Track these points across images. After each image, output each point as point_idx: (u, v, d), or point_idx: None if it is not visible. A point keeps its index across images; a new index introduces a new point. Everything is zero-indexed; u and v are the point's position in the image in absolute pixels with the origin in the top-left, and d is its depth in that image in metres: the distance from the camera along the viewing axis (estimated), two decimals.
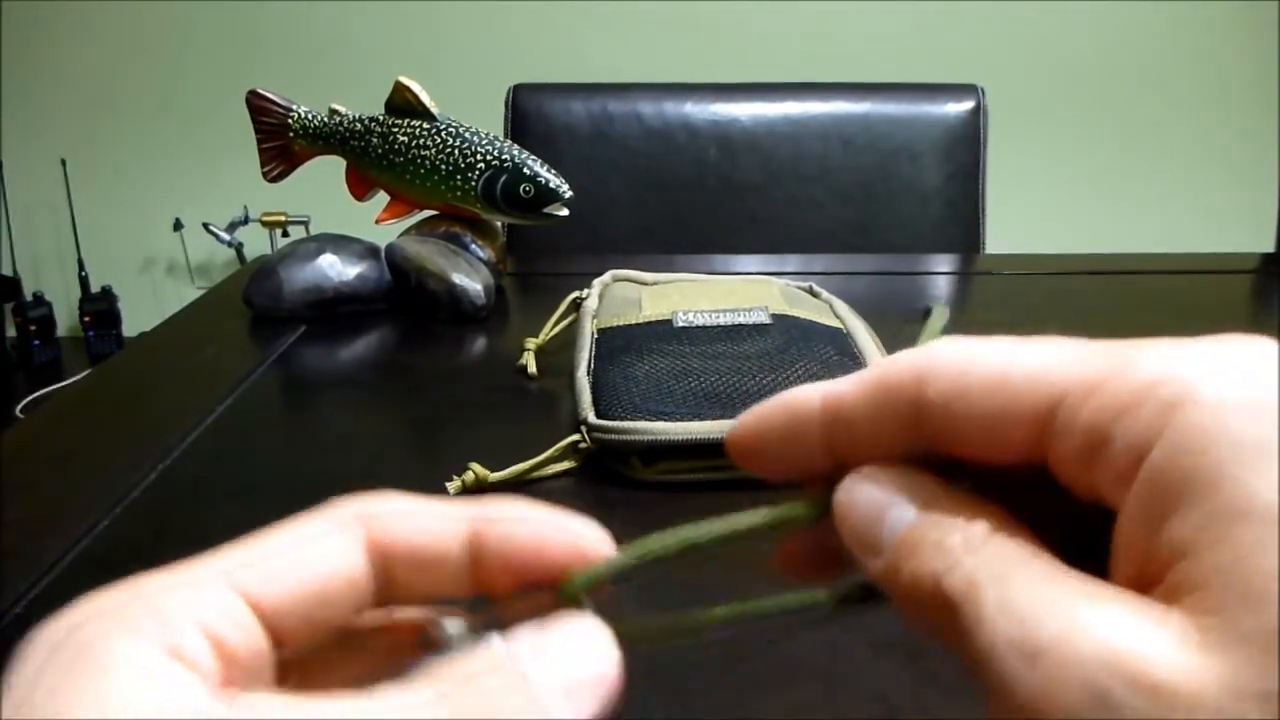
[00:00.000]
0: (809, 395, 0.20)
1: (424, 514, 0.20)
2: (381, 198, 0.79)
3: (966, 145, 1.16)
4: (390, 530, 0.19)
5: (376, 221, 0.78)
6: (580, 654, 0.18)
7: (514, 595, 0.20)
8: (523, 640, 0.18)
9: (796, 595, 0.20)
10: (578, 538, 0.20)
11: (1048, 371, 0.18)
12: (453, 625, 0.20)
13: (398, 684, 0.16)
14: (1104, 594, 0.15)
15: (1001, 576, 0.16)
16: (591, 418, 0.50)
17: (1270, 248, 0.93)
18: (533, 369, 0.63)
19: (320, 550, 0.19)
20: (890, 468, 0.19)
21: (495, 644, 0.17)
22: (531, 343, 0.64)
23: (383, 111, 0.76)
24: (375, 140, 0.76)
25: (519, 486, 0.49)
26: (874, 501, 0.19)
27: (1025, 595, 0.15)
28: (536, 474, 0.49)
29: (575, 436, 0.50)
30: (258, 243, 2.22)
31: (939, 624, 0.16)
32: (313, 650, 0.20)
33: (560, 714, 0.17)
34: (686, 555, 0.20)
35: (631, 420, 0.48)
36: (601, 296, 0.65)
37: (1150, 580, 0.15)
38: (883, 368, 0.19)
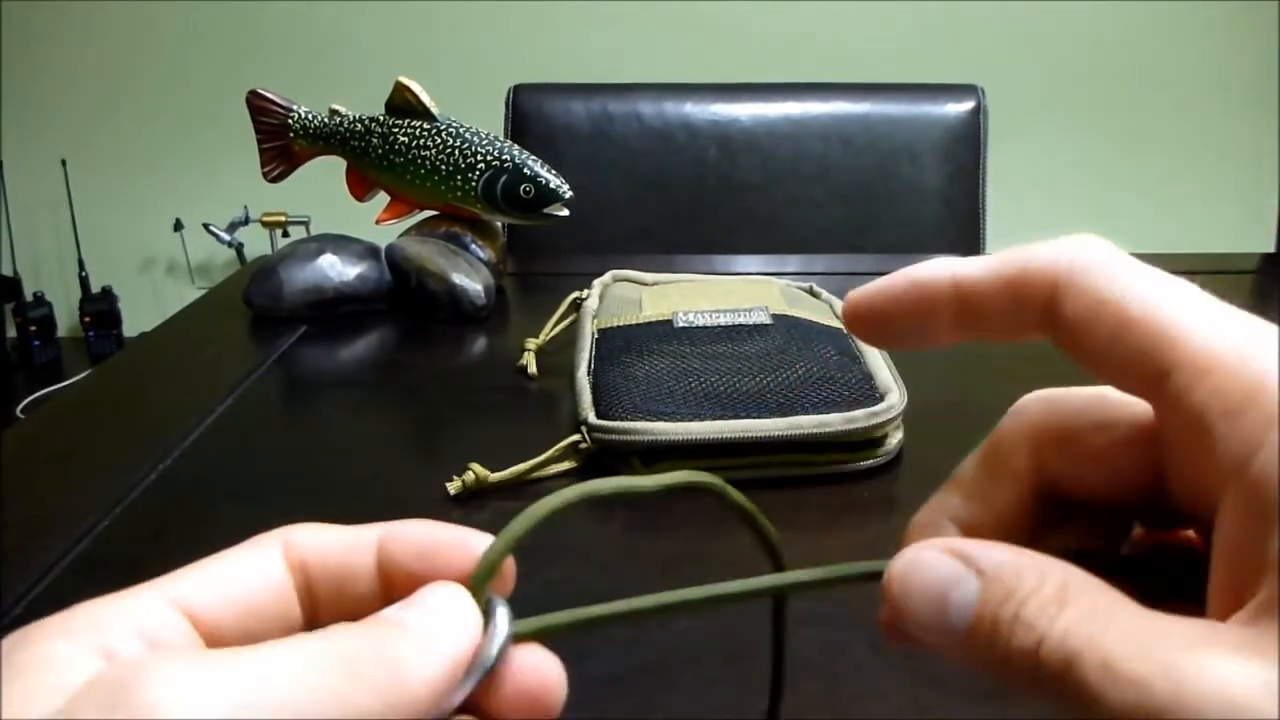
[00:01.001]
0: (940, 272, 0.21)
1: (334, 534, 0.21)
2: (381, 198, 0.79)
3: (966, 145, 1.16)
4: (305, 548, 0.21)
5: (376, 222, 0.78)
6: (447, 605, 0.19)
7: None
8: (402, 606, 0.19)
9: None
10: (467, 547, 0.21)
11: (1174, 333, 0.18)
12: None
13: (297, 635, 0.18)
14: (1198, 636, 0.15)
15: (1093, 640, 0.16)
16: (592, 418, 0.50)
17: (1270, 248, 0.93)
18: (533, 369, 0.63)
19: (245, 565, 0.20)
20: (939, 540, 0.19)
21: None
22: (531, 343, 0.64)
23: (383, 112, 0.76)
24: (375, 140, 0.76)
25: (519, 487, 0.49)
26: (935, 579, 0.18)
27: (1125, 656, 0.15)
28: (536, 474, 0.49)
29: (575, 437, 0.50)
30: (258, 243, 2.22)
31: (1046, 691, 0.16)
32: None
33: (439, 647, 0.18)
34: (553, 520, 0.20)
35: (632, 420, 0.48)
36: (602, 296, 0.65)
37: (1246, 586, 0.16)
38: (1021, 265, 0.20)
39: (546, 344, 0.65)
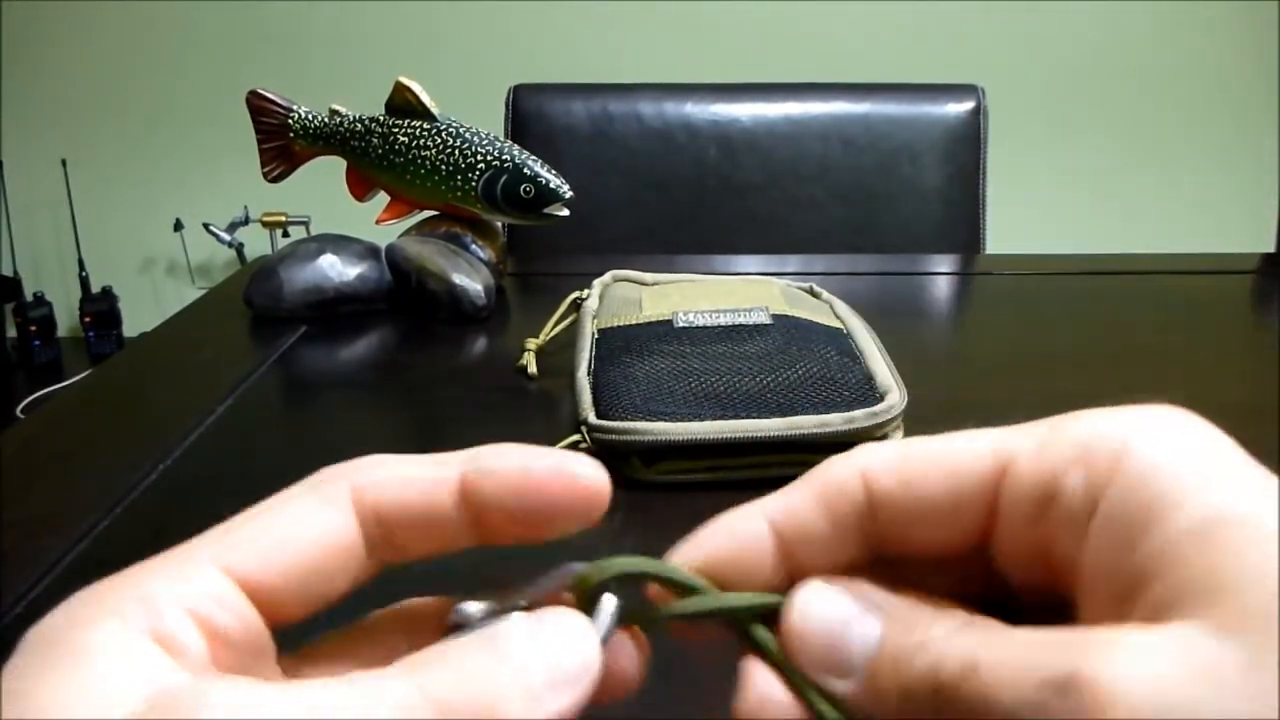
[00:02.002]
0: (753, 516, 0.20)
1: (412, 471, 0.19)
2: (381, 198, 0.79)
3: (966, 145, 1.15)
4: (378, 493, 0.19)
5: (377, 222, 0.78)
6: (566, 645, 0.17)
7: (535, 578, 0.20)
8: (510, 627, 0.17)
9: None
10: (573, 477, 0.19)
11: (989, 446, 0.18)
12: (474, 609, 0.19)
13: (377, 670, 0.16)
14: (1107, 630, 0.15)
15: (997, 643, 0.16)
16: (592, 418, 0.50)
17: (1270, 248, 0.93)
18: (533, 369, 0.63)
19: (307, 522, 0.19)
20: (836, 581, 0.19)
21: (481, 630, 0.17)
22: (532, 343, 0.64)
23: (383, 112, 0.76)
24: (375, 140, 0.76)
25: None
26: (834, 620, 0.18)
27: (1031, 647, 0.15)
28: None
29: (575, 437, 0.50)
30: (258, 243, 2.22)
31: (947, 712, 0.16)
32: (331, 638, 0.20)
33: (544, 701, 0.16)
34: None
35: (632, 420, 0.48)
36: (602, 297, 0.65)
37: (1124, 611, 0.15)
38: (824, 474, 0.19)
39: (546, 344, 0.65)
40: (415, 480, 0.19)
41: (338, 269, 0.74)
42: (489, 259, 0.77)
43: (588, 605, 0.19)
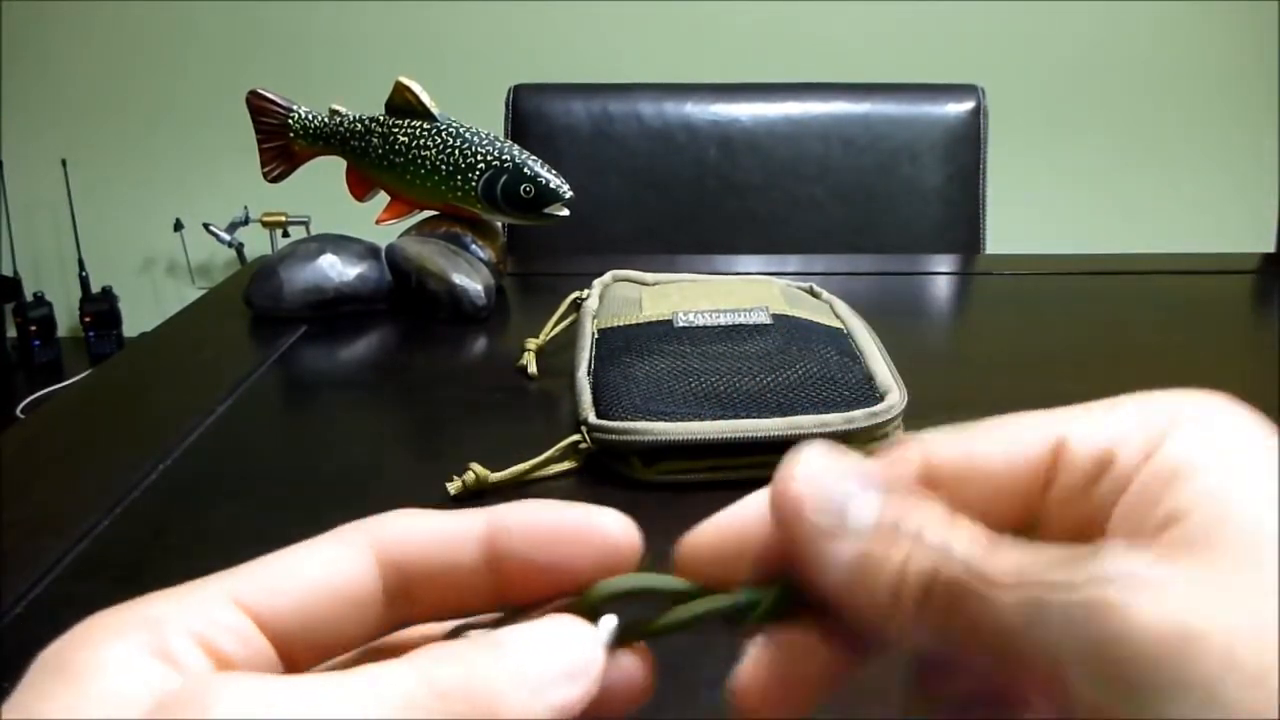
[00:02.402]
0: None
1: (435, 525, 0.19)
2: (382, 198, 0.79)
3: (966, 145, 1.15)
4: (399, 544, 0.19)
5: (377, 222, 0.78)
6: (566, 642, 0.18)
7: (539, 605, 0.20)
8: (511, 629, 0.18)
9: (723, 599, 0.20)
10: (599, 533, 0.19)
11: (1046, 421, 0.19)
12: (476, 625, 0.19)
13: (381, 663, 0.16)
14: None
15: (996, 554, 0.17)
16: (592, 418, 0.50)
17: (1270, 248, 0.93)
18: (533, 369, 0.63)
19: (322, 565, 0.19)
20: (831, 448, 0.19)
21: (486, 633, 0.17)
22: (532, 343, 0.64)
23: (383, 111, 0.76)
24: (375, 140, 0.76)
25: (519, 487, 0.49)
26: (837, 485, 0.19)
27: (1034, 566, 0.16)
28: (537, 474, 0.49)
29: (575, 437, 0.50)
30: (258, 243, 2.22)
31: (939, 600, 0.17)
32: (339, 664, 0.20)
33: (544, 695, 0.17)
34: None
35: (632, 420, 0.48)
36: (602, 297, 0.65)
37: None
38: (889, 455, 0.20)
39: (546, 344, 0.65)
40: (438, 531, 0.19)
41: (338, 269, 0.74)
42: (489, 259, 0.77)
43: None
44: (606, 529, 0.19)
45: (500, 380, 0.63)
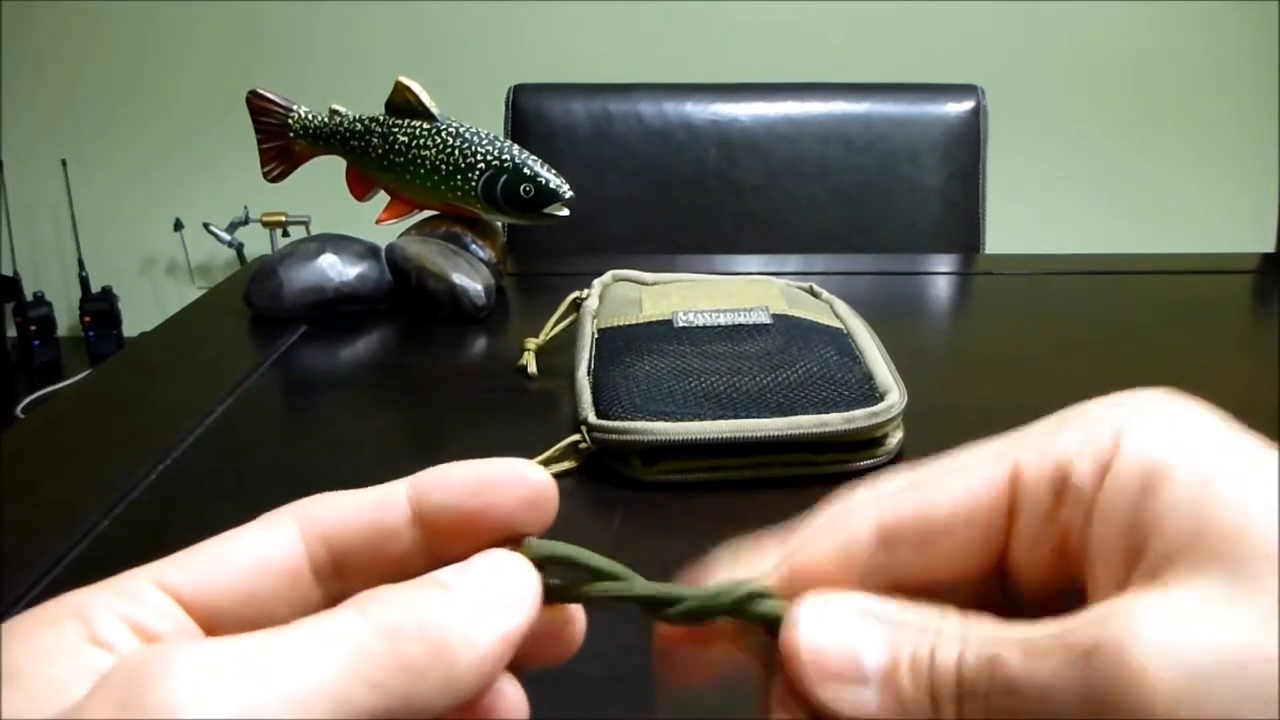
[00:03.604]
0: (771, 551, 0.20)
1: (360, 498, 0.20)
2: (382, 198, 0.79)
3: (966, 145, 1.15)
4: (325, 520, 0.19)
5: (377, 221, 0.78)
6: (504, 574, 0.18)
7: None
8: (448, 569, 0.18)
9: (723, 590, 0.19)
10: (518, 477, 0.19)
11: (997, 454, 0.19)
12: None
13: (325, 611, 0.16)
14: (1114, 600, 0.16)
15: (1010, 636, 0.16)
16: (592, 418, 0.50)
17: (1270, 248, 0.93)
18: (533, 369, 0.63)
19: (248, 546, 0.19)
20: (836, 594, 0.19)
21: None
22: (531, 343, 0.64)
23: (383, 111, 0.76)
24: (375, 140, 0.76)
25: None
26: (847, 629, 0.18)
27: (1042, 635, 0.16)
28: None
29: (575, 437, 0.50)
30: (258, 243, 2.22)
31: (971, 707, 0.16)
32: None
33: (489, 625, 0.17)
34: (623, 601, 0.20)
35: (632, 420, 0.48)
36: (602, 296, 0.65)
37: (1126, 579, 0.16)
38: (835, 531, 0.19)
39: (546, 344, 0.65)
40: (362, 503, 0.19)
41: (338, 269, 0.74)
42: (489, 259, 0.77)
43: None
44: (524, 473, 0.20)
45: (500, 380, 0.63)
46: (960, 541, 0.18)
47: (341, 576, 0.19)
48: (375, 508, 0.19)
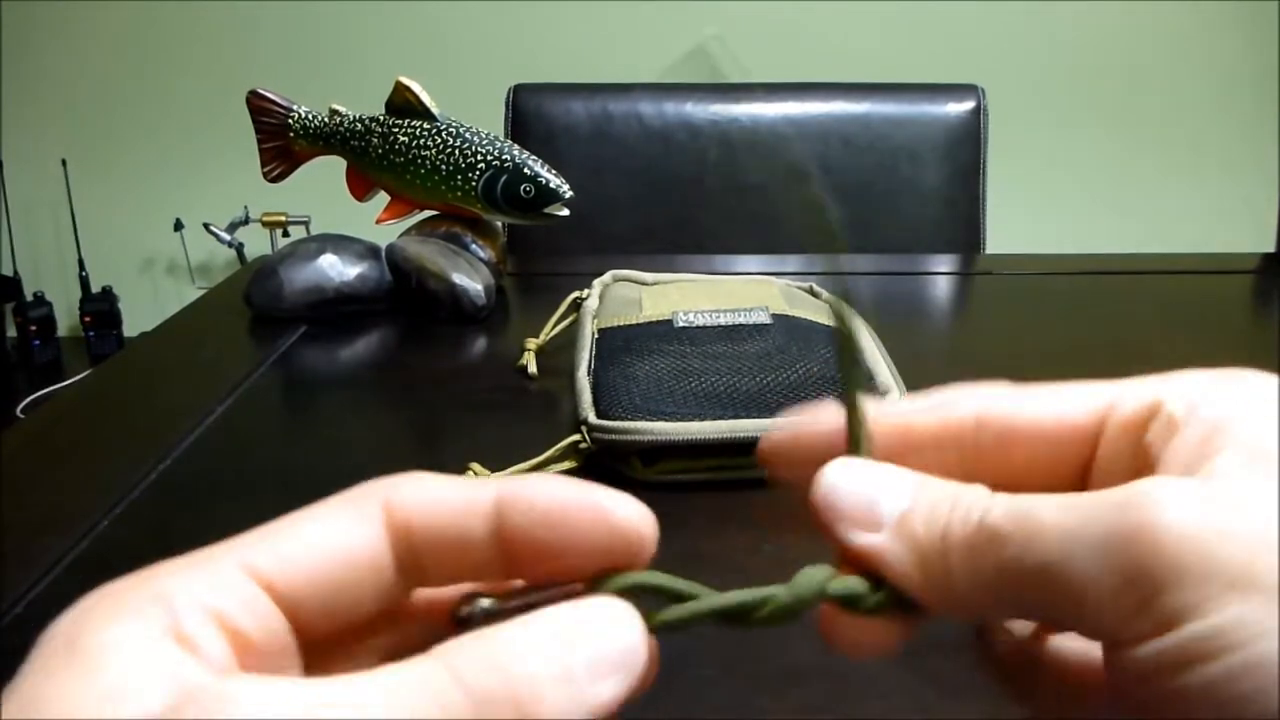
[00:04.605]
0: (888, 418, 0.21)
1: (445, 492, 0.19)
2: (382, 198, 0.79)
3: (966, 145, 1.15)
4: (410, 511, 0.18)
5: (377, 221, 0.78)
6: (608, 632, 0.16)
7: (542, 585, 0.19)
8: (548, 616, 0.16)
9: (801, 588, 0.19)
10: (613, 518, 0.18)
11: (1090, 391, 0.20)
12: (485, 602, 0.19)
13: (406, 660, 0.15)
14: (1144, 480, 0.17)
15: (1039, 500, 0.17)
16: (592, 418, 0.50)
17: (1270, 248, 0.93)
18: (533, 369, 0.63)
19: (337, 533, 0.18)
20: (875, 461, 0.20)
21: (519, 620, 0.16)
22: (532, 343, 0.64)
23: (383, 111, 0.76)
24: (376, 140, 0.76)
25: None
26: (865, 482, 0.19)
27: (1075, 500, 0.17)
28: (537, 474, 0.49)
29: (575, 436, 0.50)
30: (258, 243, 2.22)
31: (981, 564, 0.17)
32: (344, 629, 0.19)
33: (590, 695, 0.15)
34: (726, 620, 0.19)
35: (632, 420, 0.48)
36: (602, 296, 0.65)
37: None
38: (943, 406, 0.21)
39: (546, 344, 0.65)
40: (448, 502, 0.18)
41: (338, 269, 0.74)
42: (489, 259, 0.77)
43: None
44: (621, 515, 0.18)
45: (500, 380, 0.63)
46: (1046, 448, 0.20)
47: (421, 570, 0.18)
48: (459, 512, 0.18)
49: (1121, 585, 0.15)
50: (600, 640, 0.16)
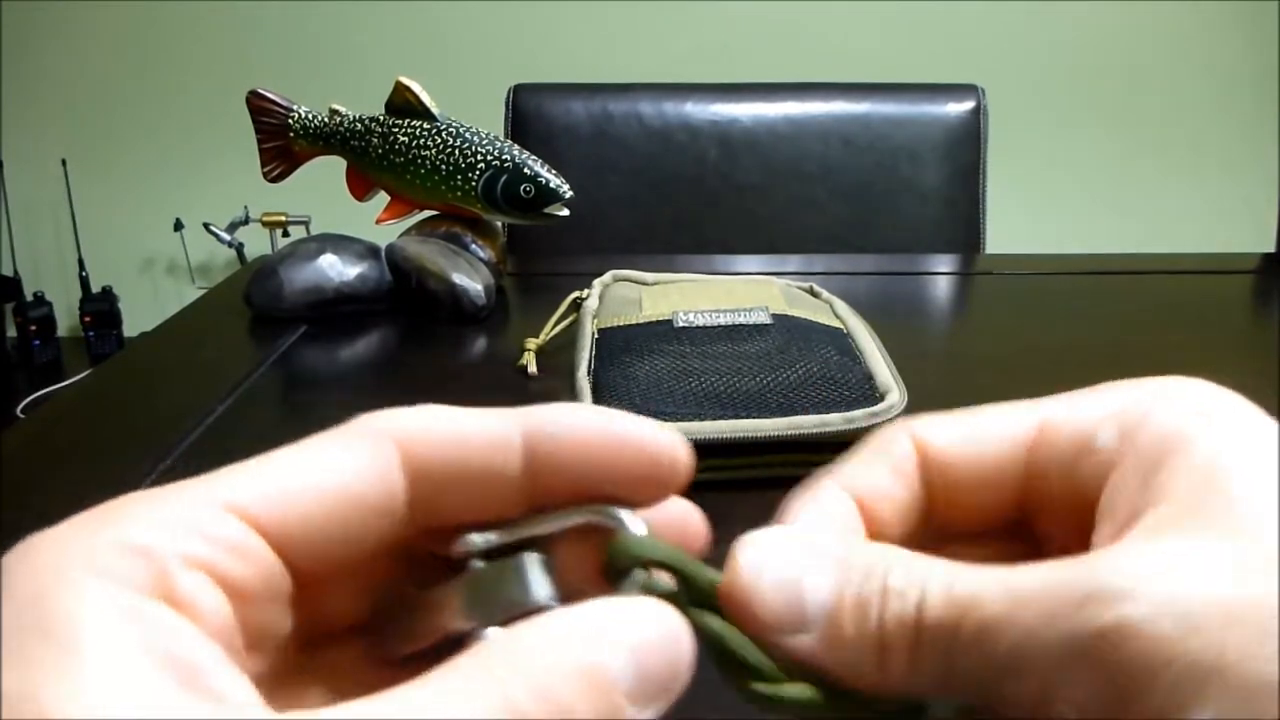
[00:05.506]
0: (830, 487, 0.20)
1: (469, 432, 0.17)
2: (382, 198, 0.79)
3: (966, 145, 1.15)
4: (433, 451, 0.16)
5: (377, 221, 0.78)
6: (656, 642, 0.15)
7: (546, 514, 0.18)
8: (587, 616, 0.14)
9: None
10: (648, 444, 0.17)
11: (1027, 410, 0.19)
12: (480, 540, 0.18)
13: (443, 668, 0.13)
14: (1098, 554, 0.16)
15: (988, 580, 0.15)
16: None
17: (1270, 248, 0.93)
18: (533, 369, 0.63)
19: (337, 465, 0.16)
20: (779, 529, 0.18)
21: (557, 615, 0.15)
22: (532, 343, 0.64)
23: (383, 111, 0.76)
24: (376, 140, 0.76)
25: None
26: (787, 566, 0.17)
27: (1031, 580, 0.15)
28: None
29: None
30: (258, 243, 2.22)
31: (925, 660, 0.15)
32: (337, 570, 0.17)
33: (632, 715, 0.14)
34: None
35: None
36: (602, 296, 0.65)
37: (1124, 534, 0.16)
38: (882, 440, 0.20)
39: (546, 344, 0.65)
40: (470, 436, 0.17)
41: (338, 269, 0.74)
42: (489, 259, 0.77)
43: (613, 578, 0.17)
44: (653, 442, 0.17)
45: (500, 380, 0.63)
46: (989, 474, 0.19)
47: (437, 510, 0.17)
48: (487, 446, 0.16)
49: (1093, 693, 0.14)
50: (646, 659, 0.14)
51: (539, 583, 0.17)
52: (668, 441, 0.18)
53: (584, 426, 0.17)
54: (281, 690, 0.15)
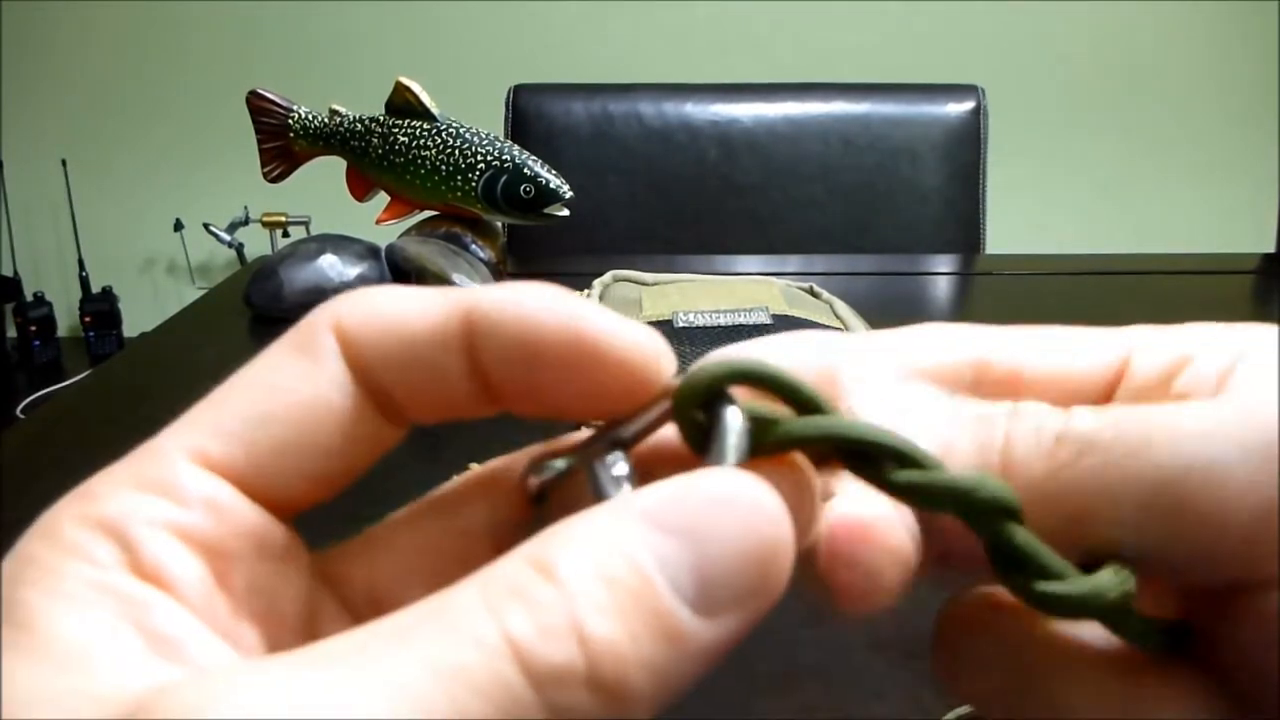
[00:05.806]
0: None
1: (406, 314, 0.14)
2: (382, 198, 0.79)
3: (966, 145, 1.16)
4: (366, 342, 0.14)
5: (377, 222, 0.78)
6: (727, 524, 0.11)
7: (637, 415, 0.15)
8: (631, 515, 0.11)
9: None
10: (600, 348, 0.14)
11: (1113, 334, 0.18)
12: (560, 464, 0.16)
13: (422, 601, 0.11)
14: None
15: (1134, 408, 0.15)
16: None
17: (1270, 248, 0.93)
18: None
19: (291, 386, 0.14)
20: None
21: (559, 525, 0.12)
22: None
23: (383, 112, 0.76)
24: (376, 140, 0.76)
25: None
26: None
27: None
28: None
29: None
30: (258, 243, 2.22)
31: (1061, 483, 0.14)
32: (396, 520, 0.16)
33: (691, 624, 0.11)
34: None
35: None
36: (602, 296, 0.65)
37: None
38: (939, 350, 0.18)
39: None
40: (407, 327, 0.14)
41: (338, 269, 0.74)
42: (489, 259, 0.77)
43: (696, 432, 0.14)
44: (618, 344, 0.14)
45: None
46: (1056, 395, 0.17)
47: (395, 409, 0.15)
48: (425, 341, 0.14)
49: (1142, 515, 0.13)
50: (714, 560, 0.11)
51: (622, 474, 0.14)
52: (636, 344, 0.14)
53: (529, 322, 0.14)
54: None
